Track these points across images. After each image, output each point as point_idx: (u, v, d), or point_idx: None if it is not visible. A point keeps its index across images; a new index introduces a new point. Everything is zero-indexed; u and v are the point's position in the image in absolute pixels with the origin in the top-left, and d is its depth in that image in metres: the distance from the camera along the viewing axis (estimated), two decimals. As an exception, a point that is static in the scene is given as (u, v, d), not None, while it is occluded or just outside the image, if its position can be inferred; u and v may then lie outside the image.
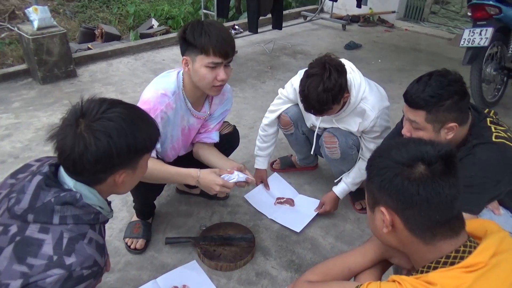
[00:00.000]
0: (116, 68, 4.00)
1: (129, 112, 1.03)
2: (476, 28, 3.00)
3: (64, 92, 3.43)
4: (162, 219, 2.07)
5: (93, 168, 0.98)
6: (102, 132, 0.96)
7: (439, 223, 0.87)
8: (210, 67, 1.52)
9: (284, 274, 1.78)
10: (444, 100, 1.36)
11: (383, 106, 1.86)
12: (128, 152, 1.00)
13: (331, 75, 1.66)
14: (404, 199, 0.86)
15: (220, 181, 1.58)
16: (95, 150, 0.95)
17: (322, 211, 2.02)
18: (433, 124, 1.40)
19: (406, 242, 0.92)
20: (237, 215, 2.13)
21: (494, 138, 1.38)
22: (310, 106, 1.73)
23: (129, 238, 1.88)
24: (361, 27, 5.71)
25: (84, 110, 1.00)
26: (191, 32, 1.49)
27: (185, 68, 1.58)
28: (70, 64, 3.61)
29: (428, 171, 0.85)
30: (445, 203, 0.85)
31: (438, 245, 0.88)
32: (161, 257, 1.84)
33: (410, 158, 0.87)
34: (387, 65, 4.37)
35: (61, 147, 0.98)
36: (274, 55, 4.54)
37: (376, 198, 0.93)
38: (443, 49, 4.83)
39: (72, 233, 0.96)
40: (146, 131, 1.05)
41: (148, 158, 1.12)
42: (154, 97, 1.59)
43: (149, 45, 4.53)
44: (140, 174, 1.12)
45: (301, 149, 2.28)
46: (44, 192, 0.97)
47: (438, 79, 1.39)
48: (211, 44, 1.48)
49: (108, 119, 0.98)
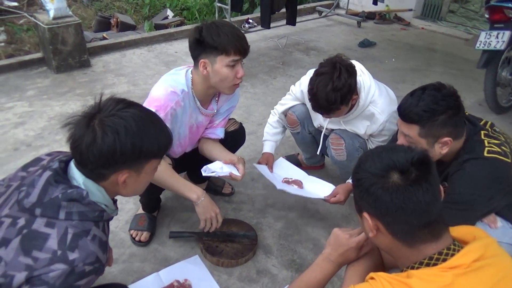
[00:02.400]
0: (129, 59, 4.04)
1: (142, 114, 1.06)
2: (493, 31, 2.94)
3: (78, 82, 3.48)
4: (167, 213, 2.11)
5: (96, 162, 1.01)
6: (111, 128, 0.99)
7: (418, 228, 0.89)
8: (231, 65, 1.56)
9: (285, 273, 1.80)
10: (438, 115, 1.34)
11: (392, 110, 1.85)
12: (132, 152, 1.02)
13: (341, 75, 1.66)
14: (381, 207, 0.91)
15: (217, 211, 1.69)
16: (101, 144, 0.98)
17: (335, 200, 1.91)
18: (426, 138, 1.38)
19: (392, 246, 0.96)
20: (241, 212, 2.15)
21: (486, 153, 1.36)
22: (318, 105, 1.73)
23: (134, 230, 1.92)
24: (376, 25, 5.64)
25: (101, 106, 1.04)
26: (209, 35, 1.51)
27: (204, 71, 1.59)
28: (84, 54, 3.66)
29: (400, 180, 0.88)
30: (420, 209, 0.87)
31: (420, 248, 0.91)
32: (165, 251, 1.88)
33: (383, 169, 0.90)
34: (400, 64, 4.31)
35: (73, 136, 1.02)
36: (287, 51, 4.51)
37: (360, 206, 0.98)
38: (459, 50, 4.74)
39: (76, 229, 0.99)
40: (155, 136, 1.07)
41: (156, 165, 1.14)
42: (164, 95, 1.61)
43: (162, 36, 4.55)
44: (145, 179, 1.13)
45: (307, 148, 2.29)
46: (53, 187, 1.01)
47: (432, 93, 1.37)
48: (231, 43, 1.52)
49: (120, 117, 1.01)
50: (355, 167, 0.99)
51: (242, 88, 3.53)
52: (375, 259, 1.17)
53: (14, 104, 3.07)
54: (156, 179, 1.56)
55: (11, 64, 3.58)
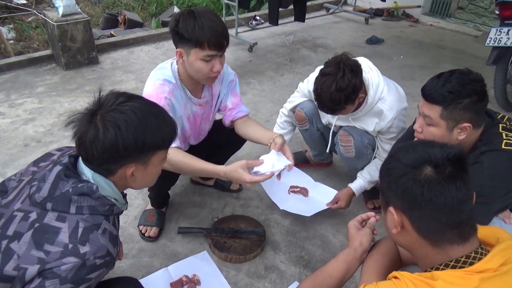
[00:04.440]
0: (137, 56, 4.05)
1: (142, 106, 1.05)
2: (503, 27, 2.90)
3: (86, 78, 3.51)
4: (176, 208, 2.12)
5: (101, 158, 1.01)
6: (112, 123, 0.99)
7: (447, 227, 0.87)
8: (206, 60, 1.51)
9: (293, 269, 1.81)
10: (462, 98, 1.34)
11: (401, 107, 1.84)
12: (135, 145, 1.02)
13: (345, 75, 1.65)
14: (410, 200, 0.88)
15: (247, 178, 1.52)
16: (103, 140, 0.99)
17: (337, 207, 1.99)
18: (447, 121, 1.38)
19: (415, 244, 0.93)
20: (249, 208, 2.16)
21: (504, 145, 1.36)
22: (323, 105, 1.74)
23: (143, 225, 1.94)
24: (384, 21, 5.59)
25: (102, 101, 1.04)
26: (184, 26, 1.46)
27: (179, 60, 1.57)
28: (92, 51, 3.69)
29: (434, 173, 0.86)
30: (451, 206, 0.85)
31: (446, 249, 0.88)
32: (173, 246, 1.89)
33: (416, 160, 0.88)
34: (409, 61, 4.28)
35: (77, 133, 1.03)
36: (294, 48, 4.50)
37: (386, 199, 0.95)
38: (468, 47, 4.69)
39: (87, 223, 1.00)
40: (158, 127, 1.07)
41: (164, 156, 1.14)
42: (154, 89, 1.61)
43: (170, 33, 4.55)
44: (154, 171, 1.14)
45: (316, 145, 2.28)
46: (63, 182, 1.02)
47: (459, 76, 1.37)
48: (205, 38, 1.46)
49: (120, 111, 1.01)
50: (386, 158, 0.97)
51: (249, 85, 3.54)
52: (392, 255, 1.17)
53: (24, 100, 3.11)
54: (177, 168, 1.58)
55: (21, 61, 3.61)
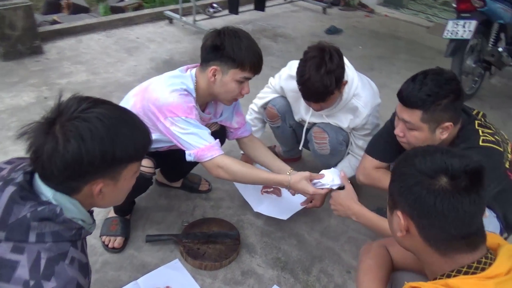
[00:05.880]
0: (87, 45, 3.74)
1: (111, 113, 0.91)
2: (460, 20, 2.99)
3: (30, 70, 3.17)
4: (141, 214, 1.97)
5: (62, 174, 0.86)
6: (74, 133, 0.85)
7: (456, 238, 0.84)
8: (240, 81, 1.51)
9: (270, 273, 1.74)
10: (441, 99, 1.34)
11: (375, 104, 1.82)
12: (103, 159, 0.88)
13: (332, 57, 1.59)
14: (420, 209, 0.85)
15: (310, 190, 1.57)
16: (64, 154, 0.84)
17: (311, 206, 1.90)
18: (428, 123, 1.38)
19: (421, 250, 0.91)
20: (220, 209, 2.06)
21: (481, 142, 1.38)
22: (311, 92, 1.62)
23: (106, 236, 1.77)
24: (341, 11, 5.63)
25: (61, 108, 0.88)
26: (230, 45, 1.44)
27: (211, 78, 1.50)
28: (35, 40, 3.34)
29: (449, 185, 0.82)
30: (462, 220, 0.82)
31: (454, 258, 0.86)
32: (141, 256, 1.75)
33: (433, 169, 0.84)
34: (367, 52, 4.33)
35: (31, 146, 0.87)
36: (254, 37, 4.34)
37: (395, 202, 0.91)
38: (422, 38, 4.84)
39: (51, 253, 0.85)
40: (130, 137, 0.92)
41: (137, 169, 1.00)
42: (182, 98, 1.49)
43: (121, 21, 4.26)
44: (125, 187, 1.00)
45: (287, 142, 2.22)
46: (19, 206, 0.85)
47: (435, 77, 1.37)
48: (250, 61, 1.47)
49: (83, 119, 0.86)
50: (400, 160, 0.92)
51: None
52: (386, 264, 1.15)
53: (-44, 96, 2.75)
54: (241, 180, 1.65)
55: (-50, 51, 3.19)
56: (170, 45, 3.96)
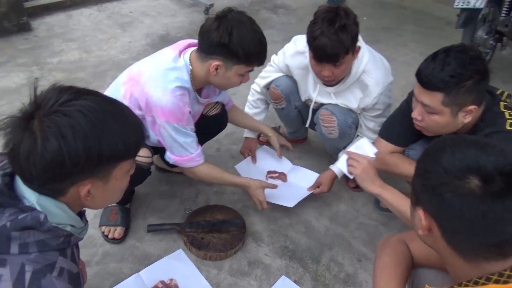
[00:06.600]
0: (77, 21, 3.56)
1: (96, 106, 0.79)
2: (472, -12, 2.81)
3: (18, 49, 3.01)
4: (142, 202, 1.88)
5: (42, 176, 0.76)
6: (53, 131, 0.74)
7: (485, 246, 0.74)
8: (243, 74, 1.48)
9: (278, 262, 1.67)
10: (465, 81, 1.22)
11: (388, 82, 1.70)
12: (88, 158, 0.77)
13: (348, 12, 1.48)
14: (444, 212, 0.75)
15: (262, 198, 1.68)
16: (43, 154, 0.74)
17: (319, 192, 1.83)
18: (451, 107, 1.27)
19: (444, 252, 0.81)
20: (224, 195, 1.97)
21: (509, 125, 1.27)
22: (325, 51, 1.48)
23: (105, 226, 1.69)
24: (343, -21, 5.37)
25: (39, 100, 0.77)
26: (239, 44, 1.36)
27: (213, 72, 1.42)
28: (22, 16, 3.16)
29: (480, 189, 0.70)
30: (493, 228, 0.71)
31: (482, 265, 0.76)
32: (143, 247, 1.68)
33: (463, 169, 0.73)
34: (372, 23, 4.13)
35: (9, 144, 0.76)
36: (253, 9, 4.18)
37: (417, 197, 0.82)
38: (429, 7, 4.63)
39: (36, 265, 0.76)
40: (119, 133, 0.81)
41: (130, 167, 0.89)
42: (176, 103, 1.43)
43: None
44: (118, 186, 0.89)
45: (292, 123, 2.11)
46: None
47: (458, 56, 1.24)
48: (256, 55, 1.43)
49: (64, 114, 0.75)
50: (425, 154, 0.81)
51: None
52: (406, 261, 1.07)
53: None
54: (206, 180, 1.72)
55: None
56: (165, 19, 3.77)
